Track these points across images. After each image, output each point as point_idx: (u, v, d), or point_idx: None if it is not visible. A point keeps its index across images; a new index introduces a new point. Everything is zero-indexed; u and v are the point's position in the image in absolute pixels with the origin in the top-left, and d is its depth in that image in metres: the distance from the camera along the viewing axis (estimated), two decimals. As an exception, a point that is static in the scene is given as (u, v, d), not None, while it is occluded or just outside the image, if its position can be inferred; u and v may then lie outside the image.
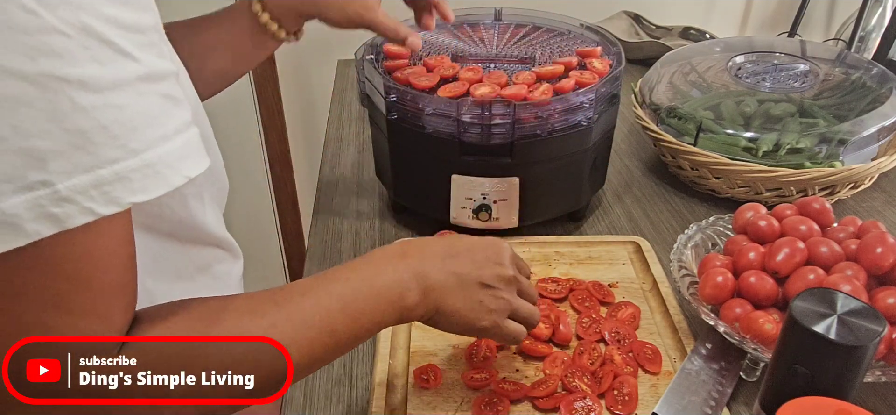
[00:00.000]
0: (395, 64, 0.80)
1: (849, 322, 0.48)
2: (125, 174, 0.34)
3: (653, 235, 0.84)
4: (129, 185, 0.34)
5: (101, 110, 0.33)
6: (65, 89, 0.32)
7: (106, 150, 0.33)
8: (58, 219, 0.32)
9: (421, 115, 0.74)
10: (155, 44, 0.38)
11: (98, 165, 0.33)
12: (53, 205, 0.32)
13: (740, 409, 0.60)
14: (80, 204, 0.33)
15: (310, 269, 0.79)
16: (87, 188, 0.33)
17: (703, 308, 0.63)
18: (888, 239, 0.61)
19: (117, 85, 0.34)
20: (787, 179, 0.83)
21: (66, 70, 0.32)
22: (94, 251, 0.36)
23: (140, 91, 0.35)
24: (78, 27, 0.32)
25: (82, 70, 0.32)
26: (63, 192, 0.32)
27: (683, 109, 0.93)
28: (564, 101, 0.73)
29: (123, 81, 0.34)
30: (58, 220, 0.32)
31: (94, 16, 0.33)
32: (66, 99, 0.32)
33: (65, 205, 0.32)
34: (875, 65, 0.97)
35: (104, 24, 0.34)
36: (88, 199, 0.33)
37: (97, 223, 0.35)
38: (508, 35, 0.91)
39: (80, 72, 0.32)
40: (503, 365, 0.64)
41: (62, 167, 0.32)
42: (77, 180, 0.33)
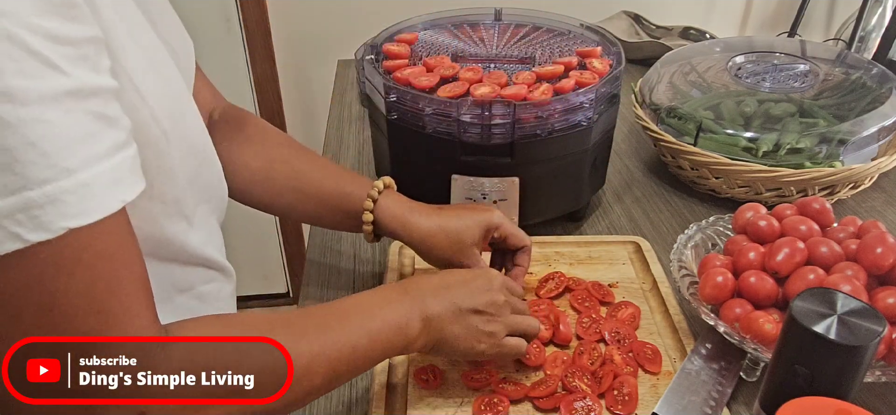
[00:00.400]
0: (395, 64, 0.80)
1: (849, 322, 0.48)
2: (58, 196, 0.31)
3: (653, 235, 0.84)
4: (62, 208, 0.31)
5: (29, 125, 0.30)
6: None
7: (35, 169, 0.30)
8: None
9: (421, 115, 0.74)
10: (88, 57, 0.35)
11: (26, 187, 0.30)
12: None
13: (740, 409, 0.60)
14: (7, 229, 0.30)
15: (310, 269, 0.79)
16: (13, 212, 0.30)
17: (703, 308, 0.63)
18: (888, 239, 0.61)
19: (46, 99, 0.31)
20: (787, 179, 0.83)
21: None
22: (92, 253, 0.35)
23: (69, 108, 0.33)
24: (2, 36, 0.30)
25: (7, 82, 0.30)
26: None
27: (683, 108, 0.93)
28: (564, 101, 0.73)
29: (52, 96, 0.32)
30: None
31: (21, 25, 0.31)
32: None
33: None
34: (875, 65, 0.97)
35: (31, 34, 0.31)
36: (15, 223, 0.30)
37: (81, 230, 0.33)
38: (508, 35, 0.91)
39: (3, 84, 0.30)
40: (503, 365, 0.64)
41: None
42: (2, 204, 0.30)
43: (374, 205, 0.65)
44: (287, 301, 2.08)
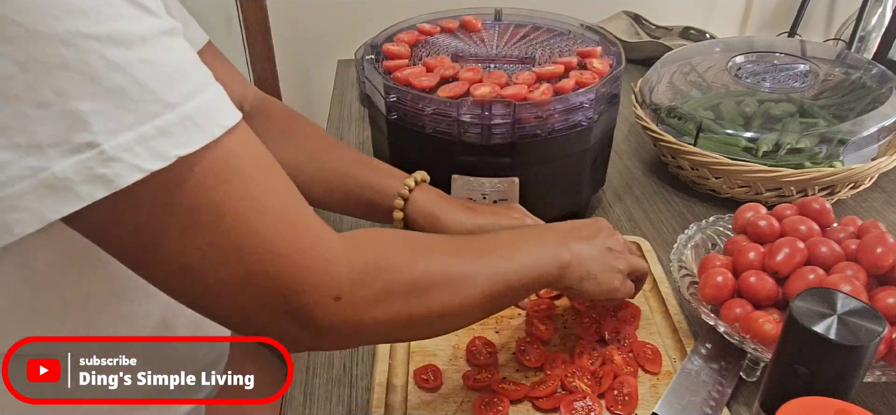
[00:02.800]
0: (395, 64, 0.80)
1: (849, 322, 0.48)
2: (166, 128, 0.33)
3: (653, 235, 0.84)
4: (171, 138, 0.34)
5: (135, 66, 0.33)
6: (96, 47, 0.31)
7: (145, 105, 0.33)
8: (107, 179, 0.32)
9: (421, 115, 0.74)
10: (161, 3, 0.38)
11: (140, 122, 0.33)
12: (101, 166, 0.32)
13: (740, 409, 0.60)
14: (127, 162, 0.32)
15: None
16: (131, 145, 0.32)
17: (703, 308, 0.63)
18: (888, 239, 0.61)
19: (145, 40, 0.34)
20: (787, 179, 0.83)
21: (94, 28, 0.31)
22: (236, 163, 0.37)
23: (165, 46, 0.35)
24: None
25: (110, 27, 0.32)
26: (109, 151, 0.32)
27: (683, 108, 0.93)
28: (564, 101, 0.73)
29: (149, 36, 0.34)
30: (107, 180, 0.32)
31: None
32: (100, 58, 0.31)
33: (112, 164, 0.32)
34: (875, 65, 0.97)
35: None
36: (134, 156, 0.32)
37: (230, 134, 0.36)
38: (508, 35, 0.91)
39: (108, 28, 0.32)
40: (503, 365, 0.64)
41: (106, 127, 0.32)
42: (122, 139, 0.32)
43: (405, 202, 0.65)
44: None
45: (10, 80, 0.30)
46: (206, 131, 0.35)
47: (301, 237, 0.39)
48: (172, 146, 0.33)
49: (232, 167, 0.37)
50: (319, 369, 0.64)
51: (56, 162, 0.31)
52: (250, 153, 0.38)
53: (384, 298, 0.42)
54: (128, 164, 0.32)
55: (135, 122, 0.32)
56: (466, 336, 0.66)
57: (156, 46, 0.34)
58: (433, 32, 0.90)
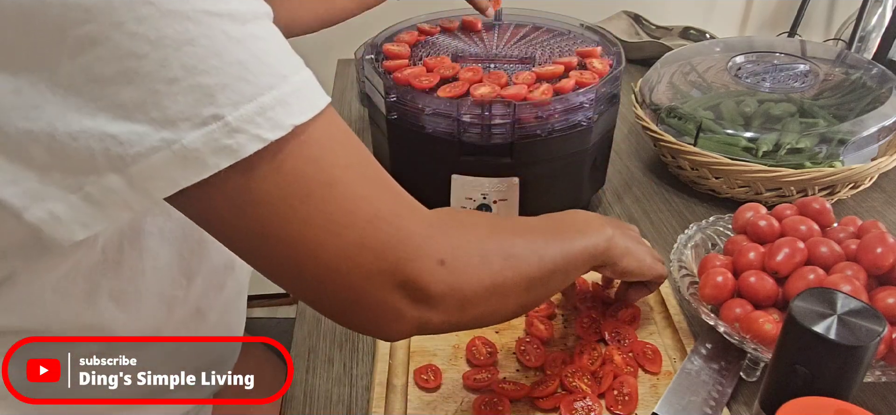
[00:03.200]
0: (395, 64, 0.80)
1: (849, 322, 0.48)
2: (283, 99, 0.35)
3: (653, 235, 0.84)
4: (288, 108, 0.35)
5: (251, 41, 0.34)
6: (218, 24, 0.33)
7: (262, 78, 0.34)
8: (232, 150, 0.33)
9: (421, 115, 0.74)
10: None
11: (259, 93, 0.34)
12: (226, 137, 0.33)
13: (740, 409, 0.60)
14: (250, 132, 0.34)
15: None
16: (253, 116, 0.34)
17: (703, 308, 0.63)
18: (888, 239, 0.61)
19: (255, 18, 0.35)
20: (787, 179, 0.83)
21: (216, 5, 0.33)
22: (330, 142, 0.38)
23: (268, 26, 0.37)
24: None
25: (228, 5, 0.34)
26: (233, 123, 0.33)
27: (683, 108, 0.93)
28: (564, 101, 0.73)
29: (258, 16, 0.36)
30: (232, 151, 0.34)
31: None
32: (222, 33, 0.33)
33: (236, 135, 0.33)
34: (875, 65, 0.97)
35: None
36: (256, 126, 0.34)
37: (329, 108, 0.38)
38: (508, 35, 0.91)
39: (227, 6, 0.34)
40: (503, 365, 0.64)
41: (229, 99, 0.33)
42: (244, 110, 0.34)
43: None
44: (287, 301, 2.08)
45: (144, 58, 0.31)
46: (314, 102, 0.37)
47: (401, 203, 0.40)
48: (288, 115, 0.35)
49: (335, 138, 0.38)
50: (319, 369, 0.64)
51: (186, 134, 0.33)
52: (343, 127, 0.40)
53: (482, 263, 0.44)
54: (250, 134, 0.34)
55: (254, 93, 0.34)
56: (466, 336, 0.66)
57: (263, 25, 0.36)
58: (433, 32, 0.90)
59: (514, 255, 0.46)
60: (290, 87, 0.36)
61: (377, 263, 0.39)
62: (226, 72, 0.33)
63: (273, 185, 0.36)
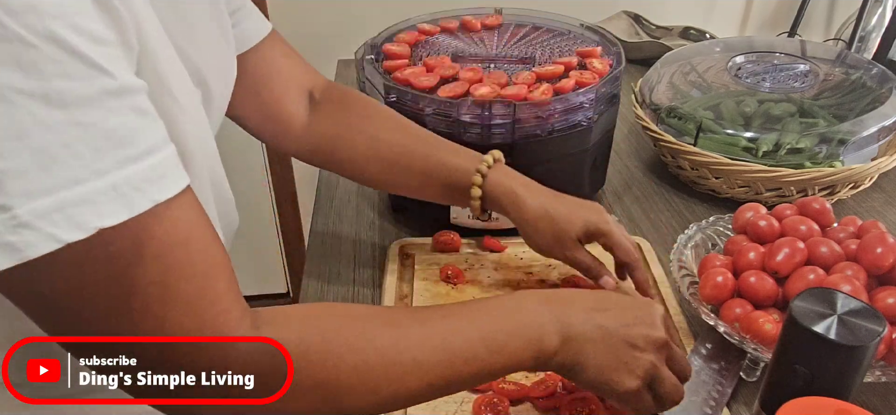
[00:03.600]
0: (395, 64, 0.80)
1: (849, 322, 0.48)
2: (90, 197, 0.31)
3: (653, 235, 0.84)
4: (95, 208, 0.32)
5: (66, 128, 0.31)
6: (27, 104, 0.29)
7: (69, 170, 0.31)
8: (15, 248, 0.30)
9: (421, 115, 0.74)
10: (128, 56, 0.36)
11: (61, 187, 0.30)
12: (10, 232, 0.30)
13: (740, 409, 0.60)
14: (42, 230, 0.30)
15: (310, 269, 0.79)
16: (49, 212, 0.30)
17: (703, 308, 0.63)
18: (888, 239, 0.61)
19: (86, 101, 0.31)
20: (787, 179, 0.83)
21: (30, 84, 0.29)
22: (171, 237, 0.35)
23: (110, 107, 0.33)
24: (45, 37, 0.30)
25: (48, 84, 0.30)
26: (22, 216, 0.30)
27: (683, 108, 0.93)
28: (564, 101, 0.73)
29: (92, 97, 0.32)
30: (15, 249, 0.30)
31: (65, 25, 0.31)
32: (28, 114, 0.29)
33: (23, 231, 0.30)
34: (875, 65, 0.97)
35: (75, 34, 0.31)
36: (51, 223, 0.30)
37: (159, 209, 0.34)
38: (508, 35, 0.91)
39: (45, 86, 0.30)
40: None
41: (22, 189, 0.30)
42: (38, 203, 0.30)
43: (483, 180, 0.64)
44: (287, 301, 2.08)
45: None
46: (132, 204, 0.33)
47: (204, 328, 0.37)
48: (95, 216, 0.31)
49: (152, 247, 0.34)
50: (319, 369, 0.64)
51: None
52: (179, 231, 0.36)
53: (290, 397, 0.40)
54: (42, 232, 0.30)
55: (55, 186, 0.30)
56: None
57: (96, 109, 0.32)
58: (433, 32, 0.90)
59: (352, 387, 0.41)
60: (105, 184, 0.32)
61: None
62: (24, 158, 0.29)
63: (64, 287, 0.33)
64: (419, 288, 0.73)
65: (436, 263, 0.77)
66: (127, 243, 0.33)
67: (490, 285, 0.74)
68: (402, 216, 0.88)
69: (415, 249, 0.79)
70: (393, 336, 0.43)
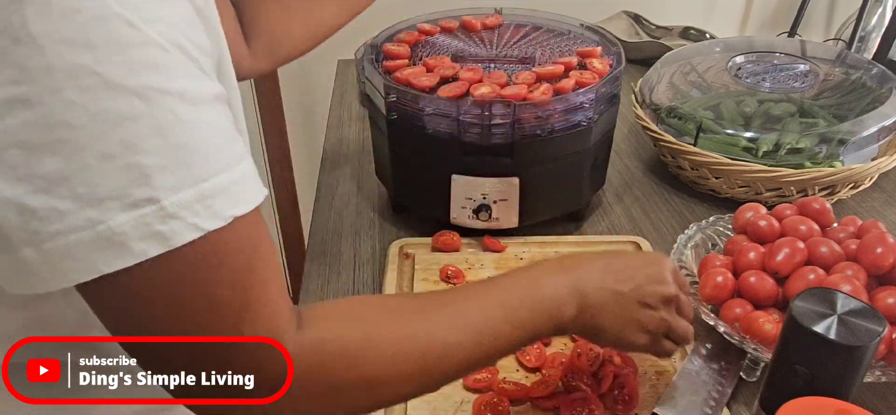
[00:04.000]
0: (395, 64, 0.80)
1: (849, 322, 0.48)
2: (225, 187, 0.34)
3: (653, 235, 0.84)
4: (230, 197, 0.34)
5: (198, 124, 0.33)
6: (167, 102, 0.31)
7: (206, 163, 0.33)
8: (164, 237, 0.32)
9: (421, 115, 0.74)
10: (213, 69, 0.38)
11: (201, 179, 0.33)
12: (159, 223, 0.31)
13: (740, 409, 0.60)
14: (186, 220, 0.32)
15: (310, 269, 0.79)
16: (191, 203, 0.32)
17: (703, 308, 0.63)
18: (888, 239, 0.61)
19: (206, 101, 0.34)
20: (787, 179, 0.83)
21: (167, 83, 0.32)
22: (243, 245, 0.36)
23: (219, 110, 0.35)
24: (173, 43, 0.32)
25: (181, 83, 0.32)
26: (169, 208, 0.31)
27: (683, 108, 0.93)
28: (564, 101, 0.73)
29: (210, 99, 0.34)
30: (164, 238, 0.32)
31: (183, 35, 0.33)
32: (169, 112, 0.31)
33: (170, 222, 0.32)
34: (875, 65, 0.97)
35: (189, 43, 0.34)
36: (193, 214, 0.32)
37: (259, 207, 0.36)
38: (508, 35, 0.91)
39: (179, 85, 0.32)
40: (503, 365, 0.64)
41: (167, 183, 0.31)
42: (182, 196, 0.32)
43: None
44: (287, 301, 2.07)
45: (80, 130, 0.29)
46: (253, 195, 0.36)
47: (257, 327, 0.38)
48: (230, 206, 0.34)
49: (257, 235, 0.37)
50: (319, 369, 0.64)
51: (114, 215, 0.31)
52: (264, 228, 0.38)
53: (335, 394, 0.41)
54: (186, 222, 0.32)
55: (195, 179, 0.32)
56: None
57: (213, 110, 0.35)
58: (433, 32, 0.90)
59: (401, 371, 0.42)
60: (233, 177, 0.34)
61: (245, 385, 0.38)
62: (168, 153, 0.31)
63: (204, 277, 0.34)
64: (419, 288, 0.73)
65: (436, 263, 0.77)
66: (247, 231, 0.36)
67: (490, 285, 0.73)
68: (402, 216, 0.88)
69: (415, 249, 0.79)
70: (424, 323, 0.45)
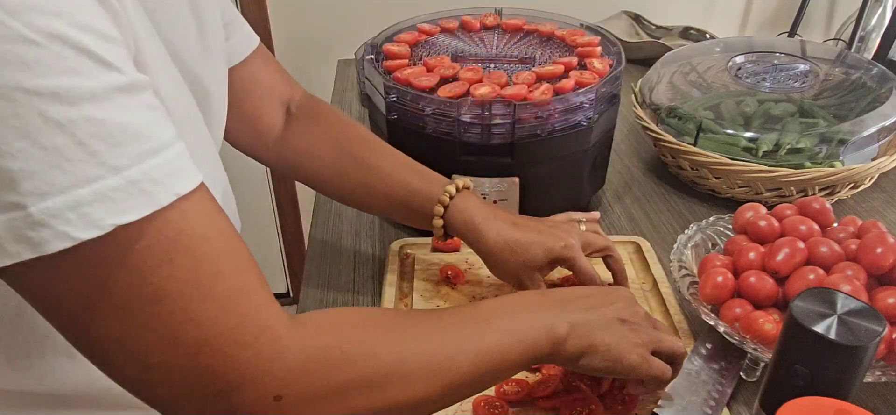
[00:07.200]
0: (395, 64, 0.80)
1: (849, 322, 0.48)
2: (106, 193, 0.31)
3: (653, 235, 0.84)
4: (111, 205, 0.31)
5: (77, 125, 0.30)
6: (35, 103, 0.29)
7: (83, 167, 0.30)
8: (33, 243, 0.30)
9: (421, 115, 0.74)
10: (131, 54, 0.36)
11: (75, 185, 0.30)
12: (28, 228, 0.30)
13: (740, 409, 0.60)
14: (55, 228, 0.30)
15: (310, 269, 0.79)
16: (62, 211, 0.30)
17: (703, 308, 0.63)
18: (888, 239, 0.61)
19: (96, 97, 0.31)
20: (787, 179, 0.83)
21: (36, 81, 0.29)
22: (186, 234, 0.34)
23: (121, 104, 0.32)
24: (50, 35, 0.30)
25: (55, 81, 0.30)
26: (35, 215, 0.30)
27: (683, 109, 0.93)
28: (564, 101, 0.73)
29: (103, 93, 0.32)
30: (33, 244, 0.30)
31: (70, 23, 0.31)
32: (37, 113, 0.29)
33: (39, 229, 0.30)
34: (875, 65, 0.97)
35: (80, 32, 0.31)
36: (64, 222, 0.30)
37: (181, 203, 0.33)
38: (508, 35, 0.91)
39: (52, 83, 0.30)
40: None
41: (35, 188, 0.30)
42: (51, 203, 0.30)
43: (445, 210, 0.64)
44: (287, 301, 2.08)
45: None
46: (152, 198, 0.33)
47: (245, 329, 0.36)
48: (110, 214, 0.31)
49: (179, 243, 0.34)
50: (319, 369, 0.64)
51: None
52: (204, 226, 0.35)
53: (334, 396, 0.39)
54: (55, 230, 0.30)
55: (69, 184, 0.30)
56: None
57: (107, 104, 0.32)
58: (433, 32, 0.90)
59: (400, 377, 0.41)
60: (121, 180, 0.31)
61: (201, 389, 0.35)
62: (36, 157, 0.29)
63: (86, 289, 0.32)
64: (419, 288, 0.73)
65: (436, 263, 0.77)
66: (153, 241, 0.33)
67: (490, 285, 0.73)
68: (402, 216, 0.88)
69: (415, 249, 0.79)
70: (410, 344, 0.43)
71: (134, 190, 0.32)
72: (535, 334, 0.48)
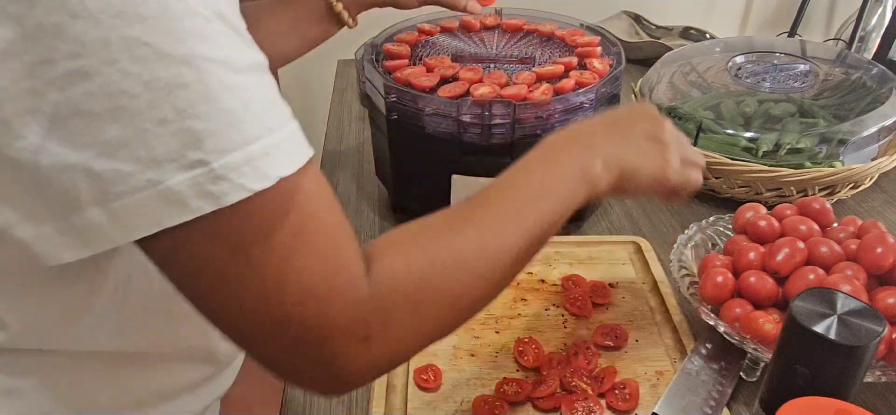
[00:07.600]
0: (395, 64, 0.80)
1: (849, 322, 0.48)
2: (269, 150, 0.35)
3: (653, 235, 0.84)
4: (275, 159, 0.35)
5: (242, 90, 0.35)
6: (213, 69, 0.33)
7: (251, 127, 0.34)
8: (215, 196, 0.34)
9: (421, 115, 0.74)
10: None
11: (247, 142, 0.34)
12: (210, 183, 0.33)
13: (740, 409, 0.60)
14: (233, 181, 0.34)
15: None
16: (239, 165, 0.34)
17: (703, 308, 0.63)
18: (888, 239, 0.61)
19: (250, 70, 0.36)
20: (787, 179, 0.83)
21: (213, 51, 0.33)
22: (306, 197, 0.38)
23: (260, 78, 0.37)
24: (215, 13, 0.34)
25: (225, 52, 0.34)
26: (218, 171, 0.33)
27: (683, 108, 0.93)
28: (564, 101, 0.73)
29: (251, 66, 0.36)
30: (215, 197, 0.34)
31: (224, 6, 0.35)
32: (216, 79, 0.33)
33: (220, 183, 0.33)
34: (875, 65, 0.97)
35: (231, 14, 0.36)
36: (241, 175, 0.34)
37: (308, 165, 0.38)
38: (508, 35, 0.91)
39: (223, 53, 0.34)
40: (503, 365, 0.64)
41: (216, 146, 0.33)
42: (230, 158, 0.34)
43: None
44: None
45: (136, 98, 0.31)
46: (295, 157, 0.37)
47: (339, 276, 0.39)
48: (275, 167, 0.35)
49: (310, 196, 0.38)
50: (319, 369, 0.64)
51: (171, 176, 0.33)
52: (320, 182, 0.40)
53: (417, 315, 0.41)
54: (234, 183, 0.34)
55: (242, 142, 0.34)
56: (467, 336, 0.66)
57: (254, 76, 0.36)
58: (433, 32, 0.90)
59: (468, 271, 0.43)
60: (277, 139, 0.36)
61: (299, 337, 0.38)
62: (215, 118, 0.33)
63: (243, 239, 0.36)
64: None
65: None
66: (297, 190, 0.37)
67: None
68: (402, 216, 0.88)
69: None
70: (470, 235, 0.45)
71: (287, 146, 0.37)
72: (570, 187, 0.49)
